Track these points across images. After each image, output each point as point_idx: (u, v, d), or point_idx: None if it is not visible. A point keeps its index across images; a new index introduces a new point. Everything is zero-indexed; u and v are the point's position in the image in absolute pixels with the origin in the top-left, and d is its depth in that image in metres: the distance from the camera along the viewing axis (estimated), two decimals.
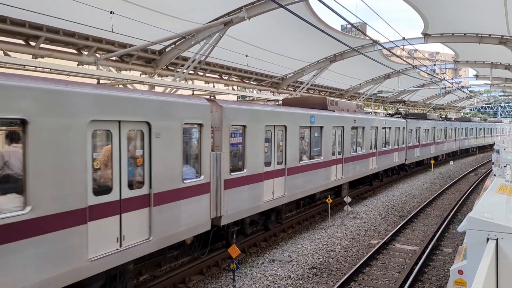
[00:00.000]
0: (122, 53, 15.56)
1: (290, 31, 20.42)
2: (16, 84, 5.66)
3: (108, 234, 7.00)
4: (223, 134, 10.02)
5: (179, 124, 8.54)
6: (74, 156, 6.41)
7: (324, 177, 15.47)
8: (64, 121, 6.26)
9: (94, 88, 6.91)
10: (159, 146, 8.05)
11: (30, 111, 5.75)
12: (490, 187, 4.64)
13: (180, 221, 8.62)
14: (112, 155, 7.17)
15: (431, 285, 9.74)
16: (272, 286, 9.33)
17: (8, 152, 6.04)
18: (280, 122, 12.52)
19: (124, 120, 7.32)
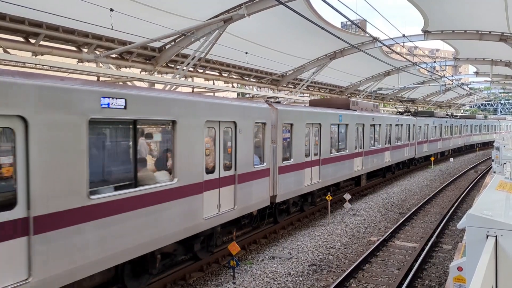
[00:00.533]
0: (122, 50, 15.54)
1: (290, 28, 20.39)
2: (170, 97, 8.54)
3: (212, 202, 9.81)
4: (277, 131, 12.65)
5: (252, 123, 11.28)
6: (198, 146, 9.21)
7: (348, 168, 18.00)
8: (194, 121, 9.09)
9: (207, 98, 9.95)
10: (241, 140, 10.77)
11: (178, 114, 8.59)
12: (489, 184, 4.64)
13: (252, 197, 11.43)
14: (215, 146, 9.97)
15: (431, 281, 9.76)
16: (272, 283, 9.35)
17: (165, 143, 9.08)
18: (316, 121, 15.12)
19: (222, 120, 10.09)
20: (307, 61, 25.70)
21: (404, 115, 28.64)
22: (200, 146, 9.25)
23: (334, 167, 16.49)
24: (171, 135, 8.54)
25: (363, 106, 20.32)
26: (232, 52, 19.49)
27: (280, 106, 13.04)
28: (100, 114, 6.79)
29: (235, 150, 10.53)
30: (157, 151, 9.13)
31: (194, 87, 19.74)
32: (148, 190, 7.76)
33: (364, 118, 19.51)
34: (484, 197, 3.99)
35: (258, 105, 11.90)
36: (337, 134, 17.01)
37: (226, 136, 10.31)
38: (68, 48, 14.77)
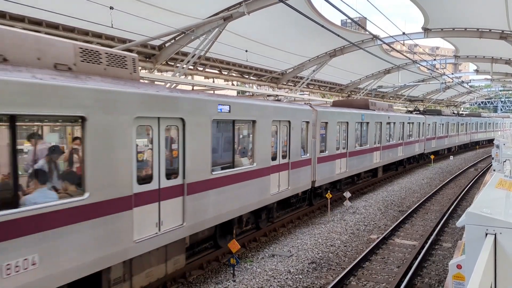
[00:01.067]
0: (121, 48, 15.52)
1: (290, 26, 20.37)
2: (252, 103, 11.46)
3: (275, 182, 12.35)
4: (316, 128, 15.14)
5: (300, 122, 13.71)
6: (267, 139, 11.78)
7: (369, 160, 20.48)
8: (265, 120, 11.68)
9: (273, 103, 12.69)
10: (293, 135, 13.22)
11: (257, 116, 11.24)
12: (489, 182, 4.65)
13: (300, 181, 13.87)
14: (276, 139, 12.47)
15: (430, 279, 9.78)
16: (272, 280, 9.37)
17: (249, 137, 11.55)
18: (345, 119, 17.50)
19: (281, 120, 12.65)
20: (307, 59, 25.69)
21: (414, 114, 30.80)
22: (269, 139, 11.95)
23: (358, 159, 19.06)
24: (252, 131, 11.35)
25: (380, 106, 22.62)
26: (232, 50, 19.48)
27: (318, 107, 15.81)
28: (217, 116, 9.67)
29: (289, 142, 13.16)
30: (244, 142, 11.87)
31: (194, 85, 19.73)
32: (239, 171, 10.60)
33: (382, 117, 21.85)
34: (484, 195, 4.00)
35: (303, 107, 14.58)
36: (360, 131, 19.52)
37: (283, 132, 12.94)
38: None
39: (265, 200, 11.86)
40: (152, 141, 7.89)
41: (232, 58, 21.35)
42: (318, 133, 15.12)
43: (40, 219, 5.76)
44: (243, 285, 9.11)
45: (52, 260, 5.93)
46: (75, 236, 6.25)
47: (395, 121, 23.99)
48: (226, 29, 16.74)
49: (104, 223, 6.70)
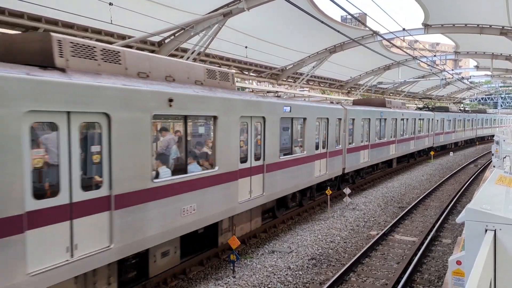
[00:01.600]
0: (121, 45, 15.49)
1: (290, 22, 20.32)
2: (304, 104, 14.45)
3: (317, 168, 14.84)
4: (346, 124, 17.61)
5: (335, 118, 16.31)
6: (313, 132, 14.42)
7: (386, 152, 23.10)
8: (312, 117, 14.29)
9: (317, 104, 15.95)
10: (330, 129, 15.87)
11: (307, 114, 13.95)
12: (489, 178, 4.65)
13: (334, 167, 16.48)
14: (318, 133, 15.10)
15: (430, 275, 9.79)
16: (272, 277, 9.39)
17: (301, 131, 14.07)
18: (367, 116, 19.93)
19: (322, 117, 15.16)
20: (307, 55, 25.65)
21: (423, 110, 33.38)
22: (314, 133, 14.61)
23: (377, 151, 21.63)
24: (303, 126, 14.03)
25: (395, 104, 25.35)
26: (231, 46, 19.45)
27: (348, 106, 18.44)
28: (283, 115, 12.32)
29: (327, 136, 15.72)
30: (298, 135, 14.05)
31: None
32: (295, 157, 13.27)
33: (397, 114, 24.33)
34: (484, 191, 3.99)
35: (337, 107, 17.29)
36: (379, 126, 21.95)
37: (323, 127, 15.49)
38: None
39: (311, 181, 14.71)
40: (247, 132, 10.83)
41: (232, 54, 21.31)
42: (347, 128, 17.78)
43: (196, 182, 8.79)
44: (243, 281, 9.13)
45: (202, 209, 8.99)
46: (211, 195, 9.28)
47: (408, 117, 26.42)
48: (225, 25, 16.70)
49: (226, 188, 9.81)
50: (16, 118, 5.50)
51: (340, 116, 16.89)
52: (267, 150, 11.54)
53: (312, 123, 14.37)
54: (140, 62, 7.93)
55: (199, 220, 8.93)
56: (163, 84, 8.05)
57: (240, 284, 8.97)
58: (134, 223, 7.30)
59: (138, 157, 7.34)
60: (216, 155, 9.45)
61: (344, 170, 17.61)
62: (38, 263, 5.81)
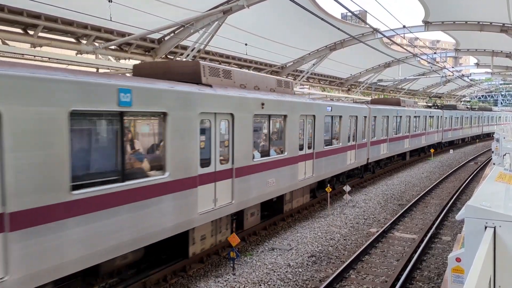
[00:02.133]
0: (121, 42, 15.48)
1: (290, 19, 20.28)
2: (340, 105, 17.22)
3: (348, 158, 17.48)
4: (370, 121, 20.20)
5: (362, 116, 19.11)
6: (347, 127, 17.15)
7: (401, 145, 25.75)
8: (346, 115, 17.09)
9: (349, 104, 18.60)
10: (359, 125, 18.71)
11: (343, 113, 16.71)
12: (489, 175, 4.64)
13: (361, 157, 19.22)
14: (350, 128, 17.79)
15: (430, 272, 9.80)
16: (272, 274, 9.39)
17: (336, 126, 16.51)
18: (386, 114, 22.61)
19: (351, 115, 17.75)
20: (307, 52, 25.61)
21: (433, 108, 36.42)
22: (347, 128, 17.40)
23: (395, 144, 24.41)
24: (339, 122, 16.74)
25: (408, 103, 28.23)
26: (231, 44, 19.41)
27: (371, 106, 20.99)
28: (326, 113, 15.22)
29: (356, 130, 18.46)
30: (336, 129, 16.64)
31: None
32: (334, 147, 16.15)
33: (410, 112, 26.91)
34: (483, 188, 3.99)
35: (364, 106, 19.98)
36: (395, 123, 24.40)
37: (352, 123, 18.13)
38: (67, 39, 14.72)
39: (344, 168, 17.41)
40: (304, 126, 13.75)
41: (232, 52, 21.27)
42: (371, 124, 20.42)
43: (274, 163, 11.95)
44: (243, 278, 9.14)
45: (277, 183, 12.12)
46: (282, 173, 12.35)
47: (419, 115, 29.02)
48: (225, 22, 16.67)
49: (291, 169, 12.84)
50: (197, 117, 8.84)
51: (365, 114, 19.65)
52: (316, 141, 14.54)
53: (346, 120, 17.27)
54: (241, 77, 11.03)
55: (276, 191, 12.23)
56: (257, 93, 11.19)
57: (240, 281, 8.98)
58: (244, 188, 10.46)
59: (245, 144, 10.53)
60: (285, 144, 12.57)
61: (368, 160, 20.49)
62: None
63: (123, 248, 7.27)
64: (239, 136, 10.25)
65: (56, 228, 6.13)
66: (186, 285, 8.93)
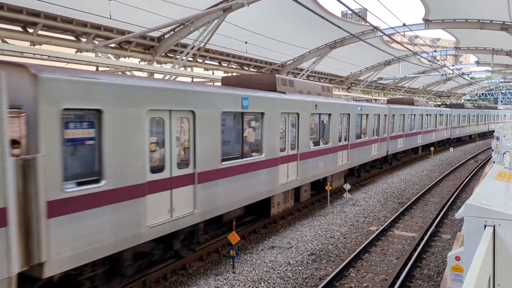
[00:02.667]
0: (120, 40, 15.46)
1: (290, 17, 20.26)
2: (368, 105, 20.45)
3: (374, 149, 20.81)
4: (389, 118, 22.95)
5: (384, 114, 21.90)
6: (371, 124, 20.24)
7: (415, 141, 28.61)
8: (372, 113, 20.28)
9: (378, 104, 22.55)
10: (381, 122, 21.47)
11: (369, 112, 19.78)
12: (488, 174, 4.63)
13: (382, 149, 22.11)
14: (374, 124, 20.59)
15: (430, 271, 9.81)
16: (272, 272, 9.40)
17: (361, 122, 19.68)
18: (403, 112, 25.53)
19: (376, 113, 20.69)
20: (307, 50, 25.59)
21: (442, 107, 39.24)
22: (372, 124, 20.28)
23: (409, 139, 27.23)
24: (366, 119, 19.53)
25: (421, 103, 31.44)
26: (231, 42, 19.39)
27: (390, 105, 23.80)
28: (357, 112, 18.13)
29: (378, 126, 21.32)
30: (363, 126, 19.59)
31: (194, 76, 19.65)
32: (362, 140, 19.09)
33: (422, 110, 29.75)
34: (483, 186, 3.98)
35: (384, 106, 22.86)
36: (410, 120, 27.18)
37: (376, 120, 20.99)
38: (67, 37, 14.70)
39: (369, 158, 20.44)
40: (341, 123, 16.61)
41: (232, 50, 21.25)
42: (390, 121, 23.10)
43: (322, 151, 14.91)
44: (243, 276, 9.14)
45: (324, 166, 15.09)
46: (327, 159, 15.40)
47: (431, 113, 31.89)
48: (225, 20, 16.64)
49: (333, 156, 15.90)
50: (279, 115, 12.21)
51: (386, 113, 22.52)
52: (350, 134, 17.58)
53: (371, 118, 20.16)
54: (300, 85, 14.11)
55: (323, 173, 15.22)
56: (312, 97, 14.34)
57: (240, 279, 8.99)
58: (304, 168, 13.78)
59: (305, 136, 13.71)
60: (330, 136, 15.63)
61: (388, 152, 23.31)
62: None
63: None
64: (302, 130, 13.50)
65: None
66: (186, 283, 8.94)
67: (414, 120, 27.95)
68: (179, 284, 8.91)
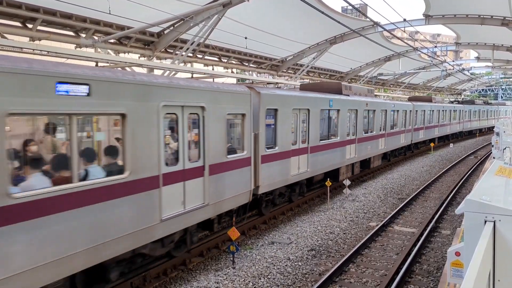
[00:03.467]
0: (120, 36, 15.41)
1: (290, 12, 20.19)
2: (384, 102, 23.32)
3: (402, 138, 26.05)
4: (413, 113, 27.44)
5: (409, 110, 26.71)
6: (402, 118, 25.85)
7: (433, 132, 33.26)
8: (400, 110, 25.26)
9: (400, 102, 27.12)
10: (407, 116, 26.59)
11: (386, 108, 22.52)
12: (489, 169, 4.63)
13: (408, 139, 27.21)
14: (403, 118, 26.05)
15: (429, 266, 9.83)
16: (272, 267, 9.42)
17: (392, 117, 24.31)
18: (423, 109, 29.95)
19: (403, 109, 25.78)
20: (307, 46, 25.51)
21: (454, 103, 43.44)
22: (402, 118, 24.95)
23: (429, 131, 32.12)
24: (396, 114, 23.97)
25: (438, 100, 36.64)
26: (231, 37, 19.33)
27: (414, 102, 28.33)
28: (391, 108, 23.30)
29: (405, 120, 25.85)
30: (393, 120, 23.72)
31: (194, 72, 19.61)
32: (392, 131, 23.66)
33: (439, 107, 34.27)
34: (483, 182, 3.97)
35: (409, 103, 27.17)
36: (429, 115, 31.70)
37: (404, 115, 25.39)
38: (66, 33, 14.65)
39: (398, 145, 25.26)
40: (381, 117, 21.06)
41: (232, 45, 21.19)
42: (413, 116, 27.67)
43: (370, 137, 20.36)
44: (242, 272, 9.16)
45: (371, 149, 20.36)
46: (373, 144, 20.73)
47: (446, 109, 36.37)
48: (225, 15, 16.58)
49: (375, 142, 20.90)
50: (347, 111, 17.37)
51: (411, 109, 27.12)
52: (387, 126, 22.63)
53: (401, 113, 25.05)
54: (354, 89, 18.76)
55: (370, 154, 20.44)
56: (364, 97, 19.00)
57: (240, 275, 9.01)
58: (359, 149, 18.65)
59: (360, 126, 18.30)
60: (374, 127, 20.56)
61: (412, 141, 28.13)
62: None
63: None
64: (359, 122, 18.59)
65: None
66: (186, 279, 8.96)
67: (432, 115, 32.64)
68: (179, 280, 8.93)
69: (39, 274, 5.70)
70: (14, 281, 5.40)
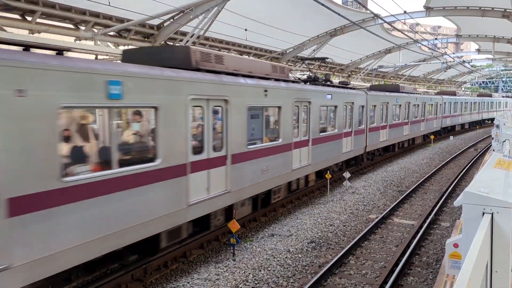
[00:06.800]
0: (119, 28, 15.37)
1: (290, 4, 20.11)
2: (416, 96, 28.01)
3: (422, 126, 29.03)
4: (443, 105, 34.17)
5: (439, 103, 32.99)
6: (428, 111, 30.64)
7: (450, 121, 37.57)
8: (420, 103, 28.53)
9: (423, 95, 31.33)
10: (438, 107, 32.83)
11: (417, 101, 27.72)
12: (488, 161, 4.64)
13: (438, 124, 33.74)
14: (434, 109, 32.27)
15: (428, 258, 9.89)
16: (272, 260, 9.47)
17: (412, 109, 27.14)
18: (450, 101, 36.13)
19: (435, 103, 31.83)
20: (307, 38, 25.44)
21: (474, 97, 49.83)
22: (434, 109, 31.61)
23: (453, 119, 38.01)
24: (417, 107, 27.33)
25: (461, 94, 42.17)
26: (231, 29, 19.28)
27: (444, 96, 33.60)
28: (415, 101, 26.75)
29: (437, 110, 32.33)
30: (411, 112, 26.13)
31: None
32: (422, 118, 28.88)
33: (459, 99, 39.80)
34: (482, 174, 3.99)
35: (439, 97, 31.88)
36: (450, 106, 36.62)
37: (436, 106, 31.52)
38: (66, 25, 14.61)
39: (432, 129, 30.38)
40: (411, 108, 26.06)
41: (232, 38, 21.13)
42: (443, 107, 33.47)
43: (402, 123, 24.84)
44: (243, 264, 9.22)
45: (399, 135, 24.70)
46: (402, 130, 24.68)
47: (462, 101, 41.02)
48: (225, 7, 16.52)
49: (403, 128, 24.66)
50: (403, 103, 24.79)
51: (440, 102, 32.68)
52: (426, 114, 28.54)
53: (433, 105, 30.52)
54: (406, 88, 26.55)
55: (396, 139, 23.46)
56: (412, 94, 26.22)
57: (240, 267, 9.06)
58: (391, 134, 22.47)
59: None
60: (407, 116, 24.71)
61: (441, 127, 34.00)
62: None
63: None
64: (411, 111, 23.99)
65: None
66: (187, 271, 9.02)
67: (455, 106, 38.72)
68: (180, 272, 8.99)
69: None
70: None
